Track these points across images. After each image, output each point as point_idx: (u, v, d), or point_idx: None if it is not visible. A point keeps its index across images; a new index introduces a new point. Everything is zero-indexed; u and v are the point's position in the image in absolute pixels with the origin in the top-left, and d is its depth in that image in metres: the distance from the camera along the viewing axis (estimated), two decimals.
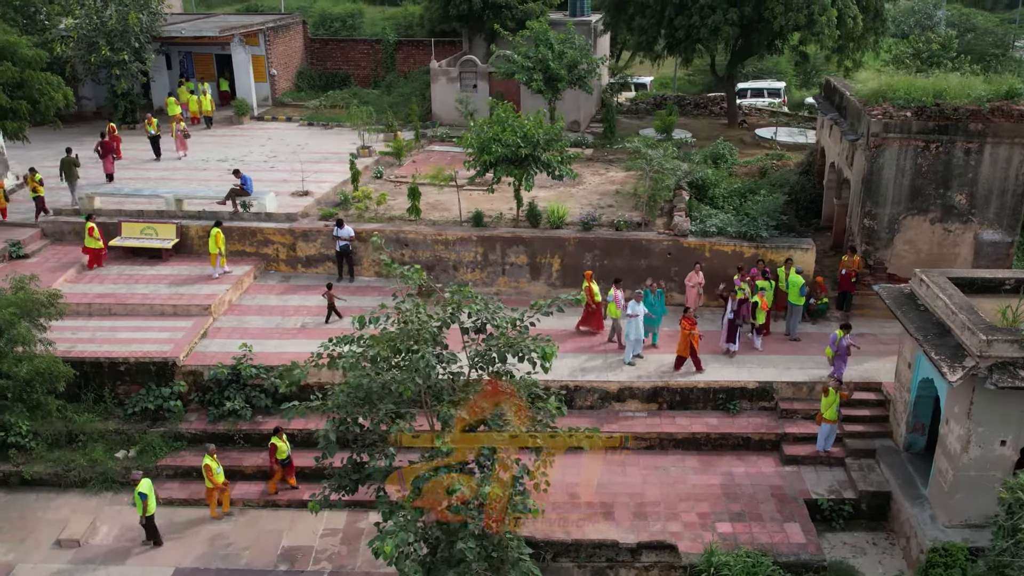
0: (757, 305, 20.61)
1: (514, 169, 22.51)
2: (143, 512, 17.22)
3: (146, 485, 17.19)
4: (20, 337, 17.48)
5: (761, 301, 20.48)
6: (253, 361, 20.09)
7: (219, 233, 23.06)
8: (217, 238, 22.97)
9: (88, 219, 23.66)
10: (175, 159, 30.85)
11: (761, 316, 20.71)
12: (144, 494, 17.11)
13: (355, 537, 18.03)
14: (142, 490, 17.08)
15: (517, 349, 14.62)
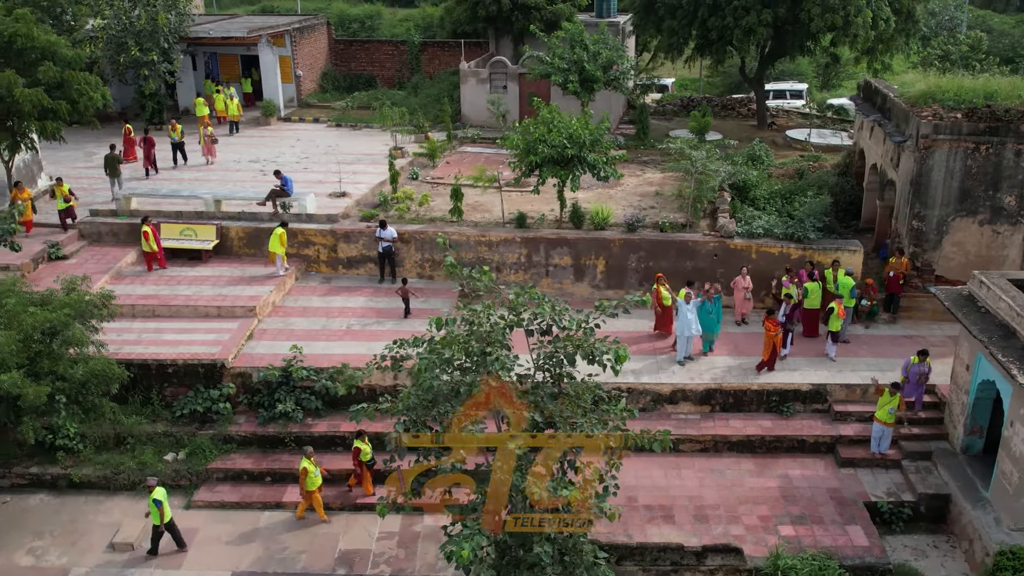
0: (833, 312, 20.17)
1: (559, 170, 22.38)
2: (159, 520, 17.04)
3: (161, 492, 17.01)
4: (75, 338, 17.31)
5: (838, 308, 20.09)
6: (303, 363, 19.93)
7: (283, 233, 23.04)
8: (281, 238, 22.92)
9: (144, 222, 23.49)
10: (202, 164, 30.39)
11: (836, 323, 20.25)
12: (159, 501, 16.90)
13: (411, 540, 17.88)
14: (157, 497, 16.90)
15: (587, 351, 14.48)
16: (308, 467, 17.59)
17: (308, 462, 17.63)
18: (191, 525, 18.28)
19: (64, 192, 24.35)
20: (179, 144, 30.07)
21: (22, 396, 16.12)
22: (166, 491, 17.43)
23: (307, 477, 17.60)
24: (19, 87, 22.60)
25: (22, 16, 23.50)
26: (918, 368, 18.87)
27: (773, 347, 19.79)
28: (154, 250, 23.58)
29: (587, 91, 29.17)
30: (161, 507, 16.97)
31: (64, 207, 24.57)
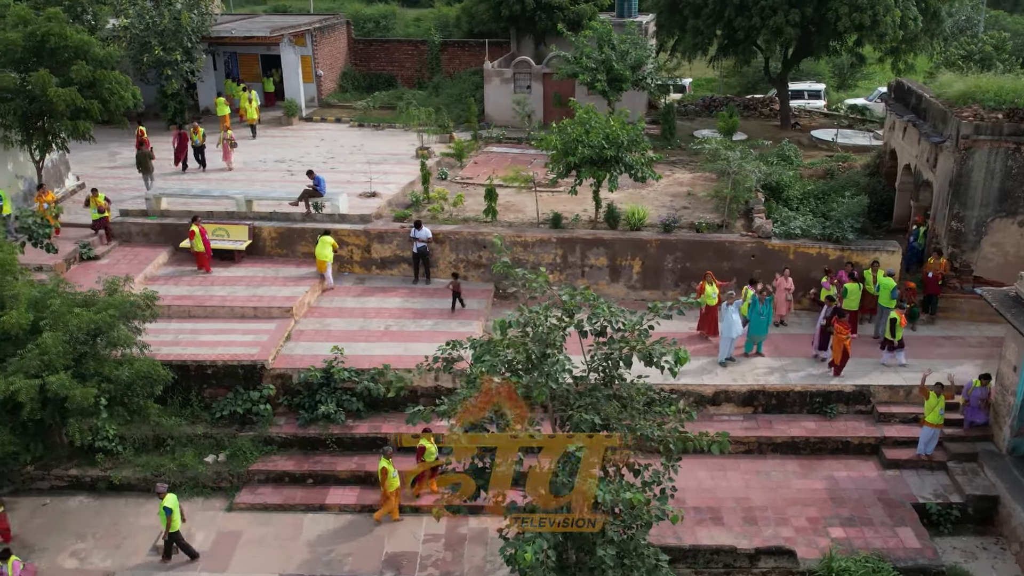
0: (896, 322, 19.85)
1: (597, 171, 22.28)
2: (167, 527, 16.85)
3: (171, 500, 16.82)
4: (120, 340, 17.19)
5: (900, 318, 19.85)
6: (344, 364, 19.82)
7: (334, 242, 22.88)
8: (333, 246, 22.73)
9: (193, 221, 23.29)
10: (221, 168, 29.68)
11: (900, 332, 19.98)
12: (169, 509, 16.71)
13: (458, 543, 17.77)
14: (167, 504, 16.71)
15: (644, 353, 14.37)
16: (388, 467, 17.39)
17: (387, 462, 17.44)
18: (234, 528, 18.19)
19: (99, 202, 23.92)
20: (200, 148, 29.60)
21: (69, 398, 16.00)
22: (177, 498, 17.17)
23: (387, 478, 17.40)
24: (52, 86, 22.45)
25: (54, 15, 23.37)
26: (980, 392, 18.73)
27: (844, 349, 19.62)
28: (202, 250, 23.32)
29: (615, 91, 29.06)
30: (171, 515, 16.79)
31: (98, 217, 24.09)
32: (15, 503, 19.15)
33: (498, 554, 17.12)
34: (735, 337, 20.25)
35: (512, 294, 23.73)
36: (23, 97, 22.82)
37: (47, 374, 16.03)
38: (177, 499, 17.13)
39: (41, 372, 16.05)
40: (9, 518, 17.87)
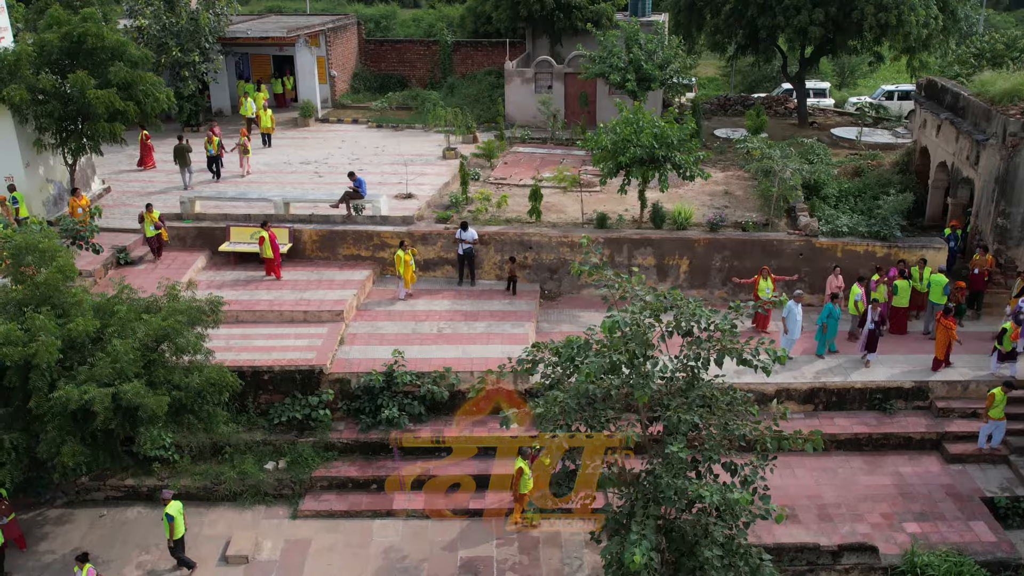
0: (1007, 332, 19.52)
1: (647, 170, 22.25)
2: (170, 535, 16.57)
3: (175, 507, 16.56)
4: (188, 346, 16.81)
5: (1013, 329, 19.57)
6: (404, 367, 19.58)
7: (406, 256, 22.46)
8: (405, 260, 22.35)
9: (263, 226, 22.82)
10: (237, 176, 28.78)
11: (1008, 343, 19.73)
12: (171, 516, 16.46)
13: (531, 546, 17.63)
14: (170, 511, 16.46)
15: (736, 353, 14.33)
16: (524, 468, 17.07)
17: (524, 463, 17.12)
18: (302, 535, 17.91)
19: (154, 218, 23.10)
20: (215, 158, 28.18)
21: (141, 406, 15.61)
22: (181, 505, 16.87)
23: (522, 478, 17.06)
24: (91, 88, 21.96)
25: (90, 15, 22.87)
26: None
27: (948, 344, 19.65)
28: (271, 256, 22.86)
29: (643, 90, 29.06)
30: (173, 522, 16.52)
31: (154, 234, 23.23)
32: (71, 515, 18.73)
33: (574, 556, 17.24)
34: (796, 338, 20.29)
35: (556, 295, 23.68)
36: (59, 99, 22.26)
37: (119, 382, 15.63)
38: (181, 507, 16.82)
39: (113, 380, 15.64)
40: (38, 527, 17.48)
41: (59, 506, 19.00)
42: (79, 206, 23.60)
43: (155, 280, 21.73)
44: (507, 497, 18.52)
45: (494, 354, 20.42)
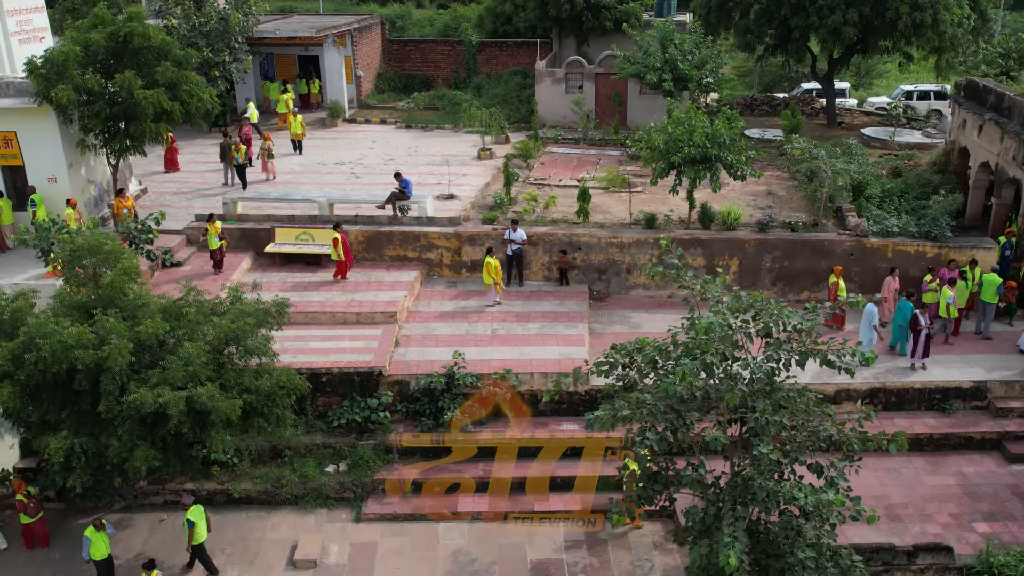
0: None
1: (699, 170, 22.21)
2: (189, 540, 16.49)
3: (195, 512, 16.48)
4: (259, 349, 16.65)
5: None
6: (464, 369, 19.47)
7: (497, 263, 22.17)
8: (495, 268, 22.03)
9: (335, 228, 22.60)
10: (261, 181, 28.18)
11: None
12: (192, 521, 16.38)
13: (600, 548, 17.56)
14: (190, 517, 16.39)
15: (819, 354, 14.28)
16: (635, 469, 16.78)
17: (635, 464, 16.81)
18: (368, 539, 17.78)
19: (218, 230, 22.63)
20: (242, 166, 27.45)
21: (214, 410, 15.43)
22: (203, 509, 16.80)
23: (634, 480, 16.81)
24: (138, 88, 21.75)
25: (136, 14, 22.63)
26: None
27: None
28: (341, 259, 22.63)
29: (679, 90, 29.04)
30: (193, 527, 16.43)
31: (217, 245, 22.61)
32: (130, 519, 18.59)
33: (644, 559, 17.16)
34: (873, 339, 20.20)
35: (605, 296, 23.61)
36: (106, 99, 22.04)
37: (192, 386, 15.46)
38: (203, 511, 16.73)
39: (186, 384, 15.47)
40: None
41: (117, 510, 18.83)
42: (124, 207, 23.40)
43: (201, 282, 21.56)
44: (572, 499, 18.46)
45: (551, 355, 20.35)
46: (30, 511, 17.24)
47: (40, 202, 22.87)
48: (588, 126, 31.69)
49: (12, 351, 15.43)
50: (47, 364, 15.22)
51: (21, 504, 17.24)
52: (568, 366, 19.91)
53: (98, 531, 15.91)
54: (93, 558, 16.01)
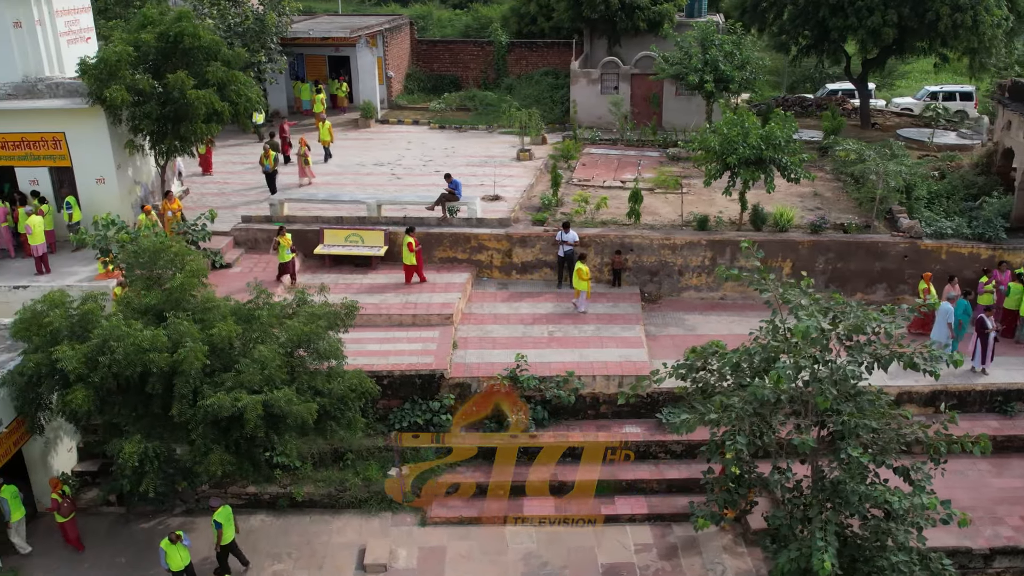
0: None
1: (754, 171, 22.13)
2: (218, 541, 16.38)
3: (223, 514, 16.37)
4: (330, 351, 16.54)
5: None
6: (527, 371, 19.37)
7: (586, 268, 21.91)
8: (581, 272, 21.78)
9: (409, 232, 22.45)
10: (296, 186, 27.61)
11: None
12: (219, 523, 16.28)
13: (670, 552, 17.47)
14: (218, 518, 16.29)
15: (906, 357, 14.21)
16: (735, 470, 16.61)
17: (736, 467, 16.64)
18: (436, 543, 17.67)
19: (290, 242, 22.30)
20: (272, 173, 26.82)
21: (291, 413, 15.30)
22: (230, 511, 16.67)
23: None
24: (191, 88, 21.61)
25: (185, 14, 22.50)
26: None
27: None
28: (412, 263, 22.46)
29: (720, 91, 28.97)
30: (221, 529, 16.33)
31: (289, 258, 22.24)
32: (192, 523, 18.41)
33: (715, 562, 17.06)
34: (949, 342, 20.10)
35: (657, 297, 23.51)
36: (157, 100, 21.90)
37: (268, 389, 15.33)
38: (231, 512, 16.61)
39: (262, 387, 15.35)
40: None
41: (179, 514, 18.69)
42: (170, 209, 23.27)
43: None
44: (639, 503, 18.38)
45: (612, 357, 20.27)
46: (63, 511, 17.21)
47: (75, 204, 22.74)
48: (626, 127, 31.60)
49: (86, 354, 15.29)
50: (121, 367, 15.07)
51: (55, 503, 17.20)
52: (630, 369, 19.93)
53: (173, 543, 15.74)
54: (171, 569, 15.85)
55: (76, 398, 15.20)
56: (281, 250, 22.04)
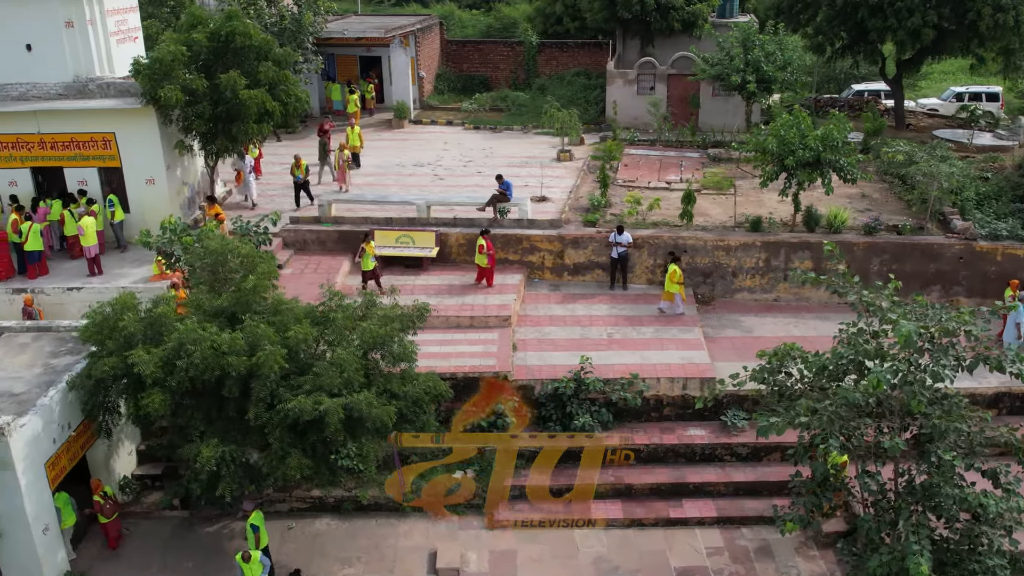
0: None
1: (811, 172, 22.05)
2: (255, 546, 16.25)
3: (258, 517, 16.28)
4: (404, 354, 16.43)
5: None
6: (591, 374, 19.26)
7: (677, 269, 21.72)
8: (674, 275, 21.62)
9: (484, 233, 22.23)
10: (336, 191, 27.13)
11: None
12: (256, 526, 16.19)
13: (742, 555, 17.37)
14: (254, 522, 16.20)
15: (994, 360, 14.12)
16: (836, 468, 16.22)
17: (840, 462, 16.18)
18: (506, 547, 17.56)
19: (374, 250, 22.15)
20: (304, 183, 25.95)
21: (370, 416, 15.17)
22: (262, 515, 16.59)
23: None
24: (243, 88, 21.48)
25: (235, 14, 22.37)
26: None
27: None
28: (485, 265, 22.19)
29: (762, 92, 28.88)
30: (257, 532, 16.24)
31: (373, 266, 21.99)
32: None
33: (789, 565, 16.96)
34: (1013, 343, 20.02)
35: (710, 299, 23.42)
36: (210, 99, 21.77)
37: (347, 392, 15.21)
38: (263, 516, 16.48)
39: (341, 390, 15.22)
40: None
41: (241, 518, 18.48)
42: (211, 214, 23.00)
43: (306, 285, 21.35)
44: (707, 506, 18.28)
45: (674, 360, 20.19)
46: (107, 511, 17.19)
47: (117, 203, 22.60)
48: (664, 127, 31.52)
49: (162, 358, 15.15)
50: (199, 371, 14.95)
51: (98, 504, 17.14)
52: (693, 371, 19.84)
53: (246, 562, 15.59)
54: None
55: (153, 402, 15.07)
56: (366, 257, 21.78)
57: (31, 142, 22.59)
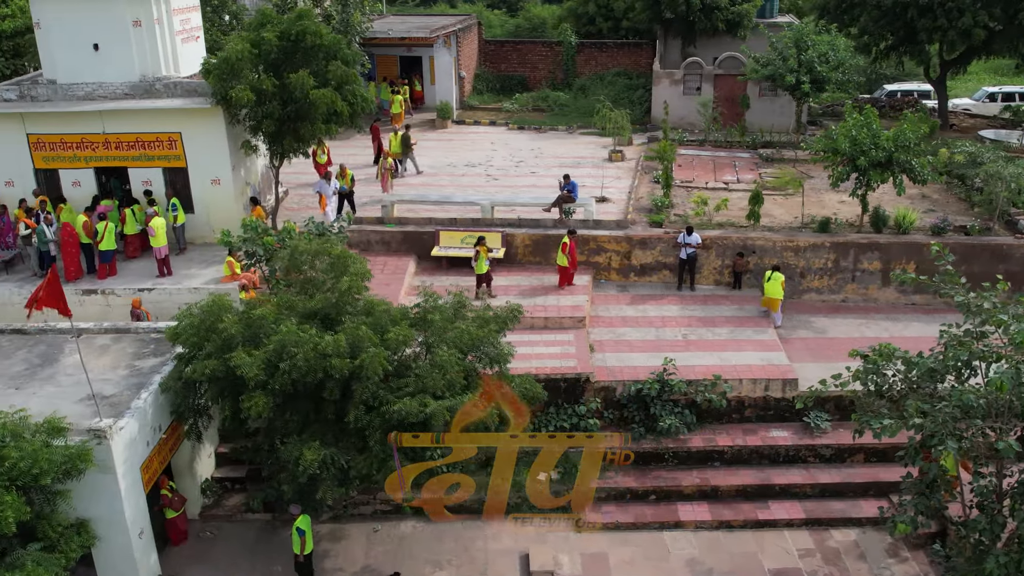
0: None
1: (882, 173, 22.01)
2: (299, 550, 16.17)
3: (304, 521, 16.18)
4: (500, 356, 16.33)
5: None
6: (674, 375, 19.20)
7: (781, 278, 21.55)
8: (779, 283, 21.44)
9: (570, 234, 22.09)
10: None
11: None
12: (302, 530, 16.09)
13: (834, 556, 17.33)
14: (300, 526, 16.10)
15: None
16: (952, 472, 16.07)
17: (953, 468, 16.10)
18: (597, 549, 17.50)
19: (487, 253, 21.93)
20: (349, 194, 25.16)
21: None
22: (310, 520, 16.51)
23: None
24: (312, 88, 21.34)
25: (306, 13, 22.21)
26: None
27: None
28: (566, 265, 22.05)
29: (816, 92, 28.84)
30: (304, 536, 16.14)
31: (485, 270, 21.82)
32: (342, 530, 18.24)
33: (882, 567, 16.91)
34: None
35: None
36: (280, 99, 21.63)
37: (449, 395, 15.12)
38: (309, 520, 16.38)
39: (444, 392, 15.12)
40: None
41: (325, 520, 18.44)
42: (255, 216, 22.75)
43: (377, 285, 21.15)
44: (794, 508, 18.23)
45: (754, 360, 20.14)
46: (175, 505, 17.22)
47: (179, 206, 22.48)
48: (713, 128, 31.47)
49: (265, 360, 15.03)
50: (302, 373, 14.83)
51: (166, 499, 17.13)
52: (774, 372, 19.79)
53: None
54: None
55: (257, 404, 14.96)
56: (480, 260, 21.64)
57: (96, 142, 22.45)
